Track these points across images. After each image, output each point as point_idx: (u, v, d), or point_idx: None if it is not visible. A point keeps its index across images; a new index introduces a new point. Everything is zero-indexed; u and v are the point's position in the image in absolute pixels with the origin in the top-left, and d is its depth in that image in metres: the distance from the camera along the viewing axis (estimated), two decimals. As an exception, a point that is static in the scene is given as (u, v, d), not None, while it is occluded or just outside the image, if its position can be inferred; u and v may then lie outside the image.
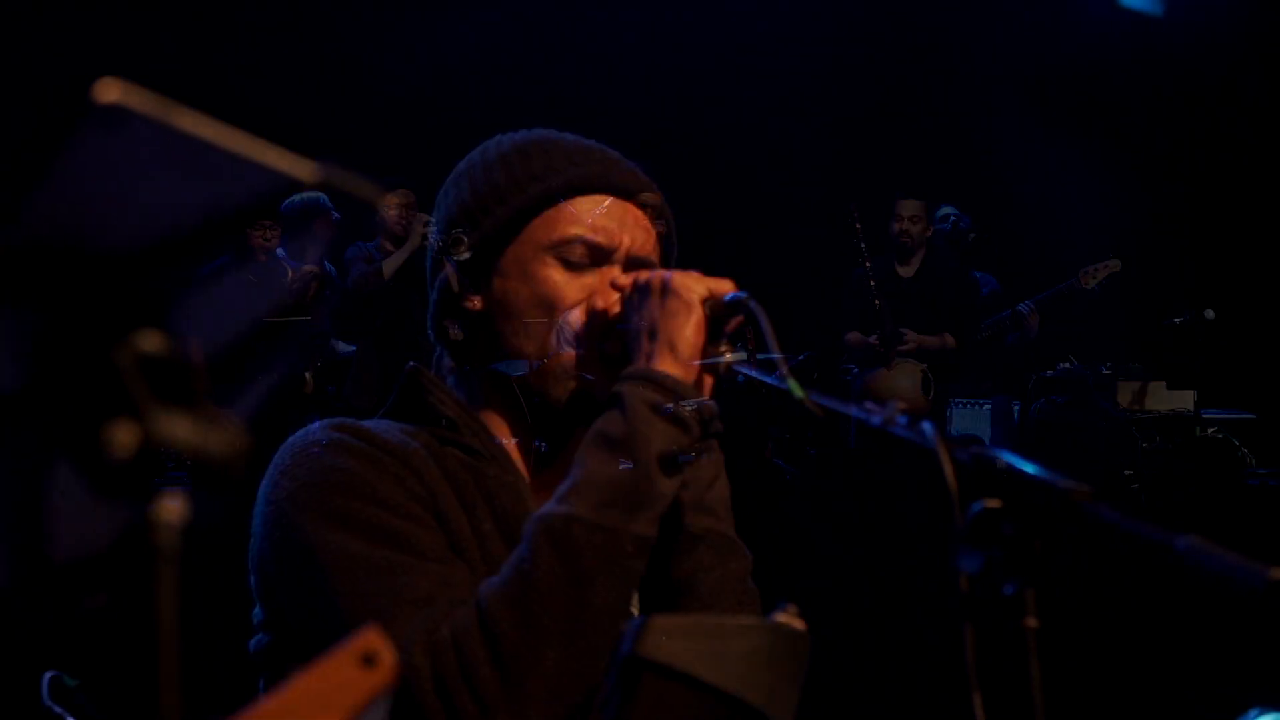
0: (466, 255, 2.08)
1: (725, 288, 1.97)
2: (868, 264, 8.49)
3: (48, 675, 1.84)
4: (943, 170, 4.32)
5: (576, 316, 2.04)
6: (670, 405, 1.88)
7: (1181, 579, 1.31)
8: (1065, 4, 4.39)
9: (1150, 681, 4.05)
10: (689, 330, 1.94)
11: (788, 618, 1.37)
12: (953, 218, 9.28)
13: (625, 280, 2.03)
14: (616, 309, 2.03)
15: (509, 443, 2.07)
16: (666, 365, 1.92)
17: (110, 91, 0.85)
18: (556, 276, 2.06)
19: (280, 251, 8.84)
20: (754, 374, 1.94)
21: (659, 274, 2.00)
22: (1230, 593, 1.26)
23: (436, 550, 1.87)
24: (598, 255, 2.07)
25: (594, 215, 2.08)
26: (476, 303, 2.09)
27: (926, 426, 1.67)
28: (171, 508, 0.88)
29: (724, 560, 2.00)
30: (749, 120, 4.04)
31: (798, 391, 1.86)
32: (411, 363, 2.11)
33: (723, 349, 1.98)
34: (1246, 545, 1.30)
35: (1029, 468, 1.47)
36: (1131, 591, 3.88)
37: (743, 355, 1.98)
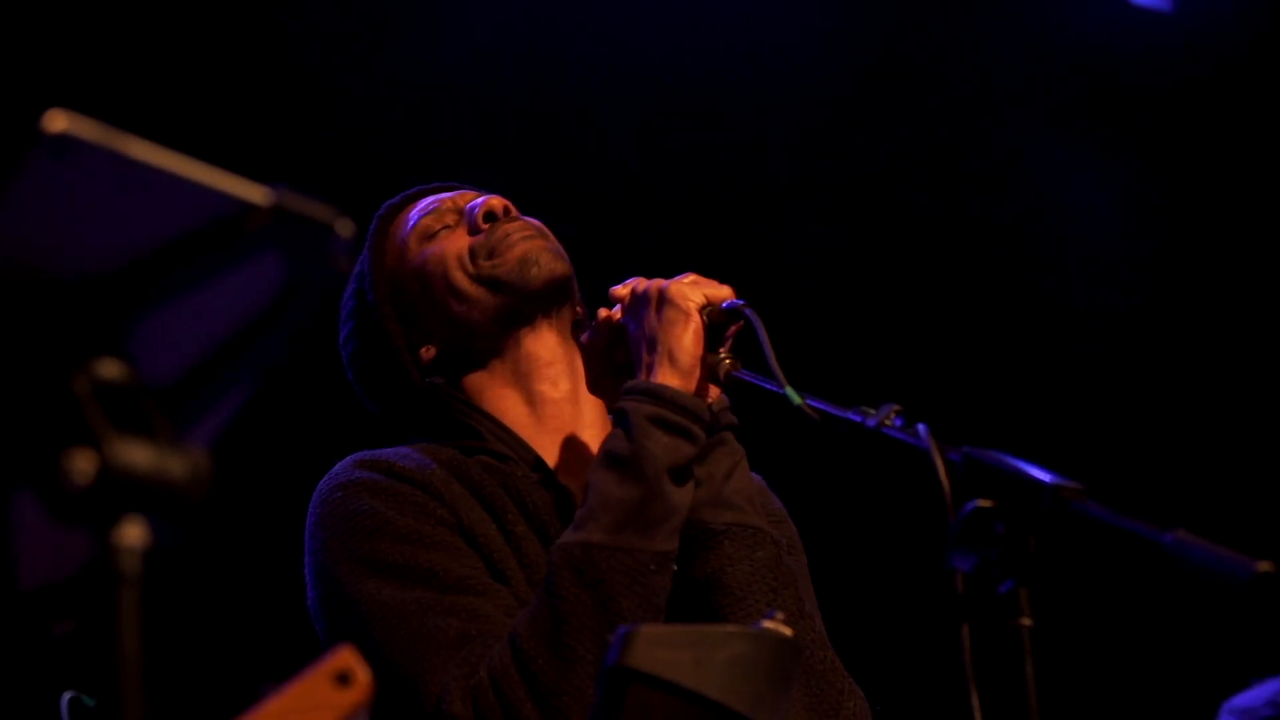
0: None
1: (723, 294, 1.96)
2: None
3: (66, 696, 1.85)
4: (946, 172, 4.31)
5: (462, 255, 2.06)
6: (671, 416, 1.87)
7: (1171, 575, 1.31)
8: (1072, 6, 4.36)
9: (1146, 679, 4.03)
10: (687, 340, 1.93)
11: (774, 624, 1.37)
12: None
13: (623, 290, 2.03)
14: (619, 316, 2.02)
15: (525, 418, 2.06)
16: (666, 377, 1.91)
17: (58, 122, 0.86)
18: (433, 247, 2.09)
19: None
20: (753, 379, 1.93)
21: (656, 283, 1.99)
22: (1217, 585, 1.26)
23: (468, 578, 1.89)
24: (449, 216, 2.12)
25: (422, 203, 2.15)
26: (428, 352, 2.10)
27: (921, 428, 1.66)
28: (133, 532, 0.88)
29: (751, 551, 1.93)
30: (749, 124, 4.07)
31: (795, 398, 1.85)
32: (427, 380, 2.10)
33: (722, 355, 1.97)
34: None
35: (1020, 465, 1.46)
36: (1126, 588, 3.85)
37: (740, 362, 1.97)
